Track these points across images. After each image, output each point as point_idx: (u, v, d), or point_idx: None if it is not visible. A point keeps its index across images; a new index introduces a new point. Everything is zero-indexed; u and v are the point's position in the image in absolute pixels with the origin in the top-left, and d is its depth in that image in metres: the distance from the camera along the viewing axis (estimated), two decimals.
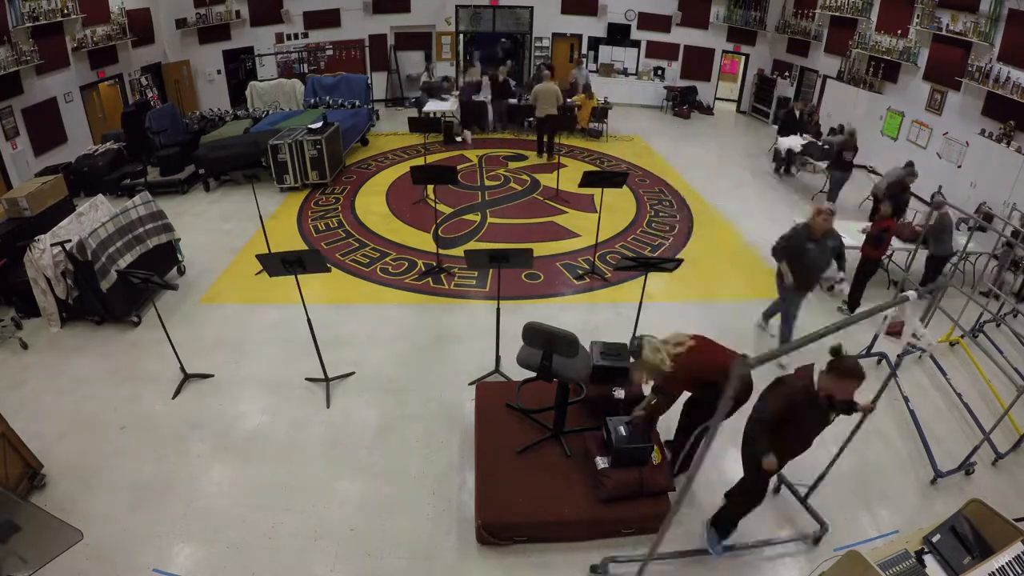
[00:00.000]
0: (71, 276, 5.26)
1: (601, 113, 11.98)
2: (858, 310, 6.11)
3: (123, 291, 5.46)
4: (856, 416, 3.42)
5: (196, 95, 12.74)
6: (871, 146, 9.96)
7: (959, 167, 8.71)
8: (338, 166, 9.38)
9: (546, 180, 9.41)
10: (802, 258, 4.89)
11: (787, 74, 13.53)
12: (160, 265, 6.08)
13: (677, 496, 3.50)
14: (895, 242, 6.44)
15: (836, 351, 3.03)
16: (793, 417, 3.07)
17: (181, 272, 6.56)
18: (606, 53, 14.74)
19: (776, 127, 11.63)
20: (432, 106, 11.49)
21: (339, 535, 3.66)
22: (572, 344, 3.47)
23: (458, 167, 9.11)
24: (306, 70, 12.93)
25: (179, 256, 6.55)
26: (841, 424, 4.67)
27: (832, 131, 10.50)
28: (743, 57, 14.46)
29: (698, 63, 14.43)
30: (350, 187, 9.10)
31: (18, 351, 5.27)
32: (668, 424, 4.04)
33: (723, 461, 4.34)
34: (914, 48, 9.77)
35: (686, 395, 3.72)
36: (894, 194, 6.59)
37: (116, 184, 8.60)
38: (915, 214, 7.67)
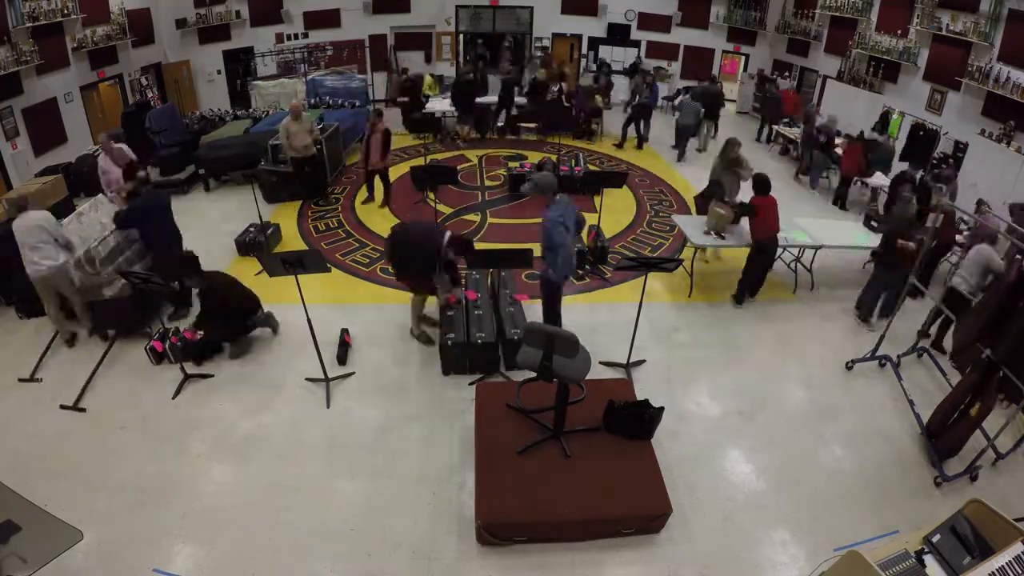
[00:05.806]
0: None
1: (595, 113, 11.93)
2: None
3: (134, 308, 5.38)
4: None
5: (196, 95, 12.74)
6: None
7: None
8: (338, 166, 9.37)
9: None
10: None
11: (787, 74, 13.53)
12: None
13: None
14: None
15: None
16: None
17: None
18: (606, 53, 14.75)
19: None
20: (433, 105, 11.48)
21: (339, 535, 3.66)
22: (572, 344, 3.47)
23: (458, 167, 9.10)
24: (306, 70, 12.92)
25: None
26: (844, 424, 4.69)
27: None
28: (743, 57, 14.46)
29: (698, 63, 14.44)
30: (350, 187, 9.10)
31: (18, 351, 5.26)
32: None
33: (724, 461, 4.36)
34: (914, 48, 9.77)
35: None
36: None
37: None
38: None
